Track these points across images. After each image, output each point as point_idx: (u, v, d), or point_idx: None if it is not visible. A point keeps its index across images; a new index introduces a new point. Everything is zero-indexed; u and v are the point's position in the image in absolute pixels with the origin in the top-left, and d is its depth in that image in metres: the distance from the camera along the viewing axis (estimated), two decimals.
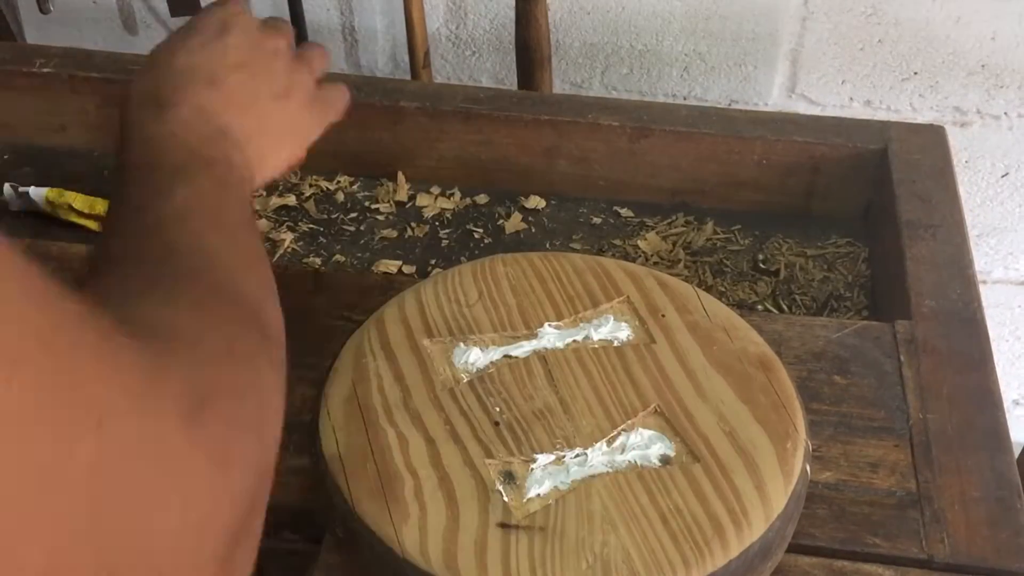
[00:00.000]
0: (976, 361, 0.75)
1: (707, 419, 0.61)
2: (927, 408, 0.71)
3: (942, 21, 1.17)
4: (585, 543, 0.55)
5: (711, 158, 0.96)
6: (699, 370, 0.64)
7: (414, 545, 0.55)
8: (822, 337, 0.76)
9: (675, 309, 0.68)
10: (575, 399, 0.63)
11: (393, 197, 0.99)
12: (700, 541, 0.55)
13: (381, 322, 0.68)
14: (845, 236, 0.96)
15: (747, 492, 0.58)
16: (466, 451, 0.60)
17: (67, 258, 0.81)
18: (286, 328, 0.54)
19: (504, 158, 0.98)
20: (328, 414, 0.62)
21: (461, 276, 0.71)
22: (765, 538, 0.56)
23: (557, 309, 0.68)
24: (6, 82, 0.99)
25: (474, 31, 1.26)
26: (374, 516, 0.57)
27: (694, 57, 1.24)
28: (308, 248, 0.94)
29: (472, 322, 0.67)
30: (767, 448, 0.60)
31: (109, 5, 1.30)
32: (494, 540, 0.55)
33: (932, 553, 0.63)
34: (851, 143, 0.94)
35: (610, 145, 0.96)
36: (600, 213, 0.98)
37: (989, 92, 1.22)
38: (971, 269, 0.83)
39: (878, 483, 0.67)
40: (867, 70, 1.22)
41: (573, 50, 1.26)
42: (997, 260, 1.37)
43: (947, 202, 0.88)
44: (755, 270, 0.93)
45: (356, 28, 1.28)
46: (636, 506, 0.57)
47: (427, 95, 0.98)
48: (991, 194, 1.31)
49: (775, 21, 1.20)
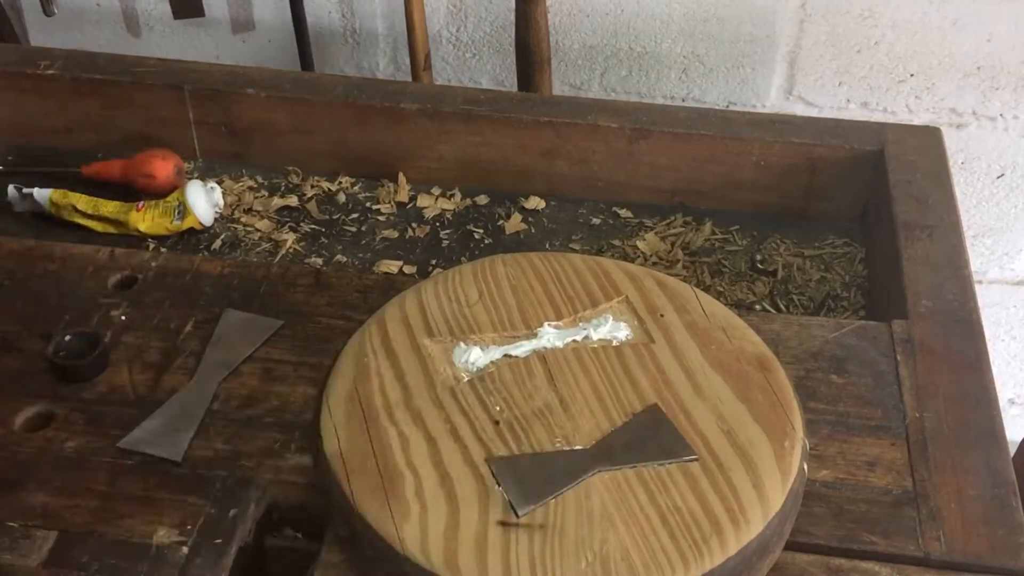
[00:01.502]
0: (972, 360, 0.75)
1: (705, 418, 0.62)
2: (923, 407, 0.72)
3: (938, 24, 1.18)
4: (585, 541, 0.56)
5: (709, 159, 0.97)
6: (697, 370, 0.65)
7: (415, 543, 0.55)
8: (819, 337, 0.77)
9: (674, 309, 0.69)
10: (575, 398, 0.63)
11: (394, 198, 1.00)
12: (699, 539, 0.56)
13: (382, 322, 0.68)
14: (842, 236, 0.97)
15: (745, 491, 0.58)
16: (466, 450, 0.60)
17: (70, 259, 0.82)
18: (289, 327, 0.54)
19: (504, 159, 0.99)
20: (330, 413, 0.63)
21: (461, 276, 0.71)
22: (763, 536, 0.57)
23: (557, 309, 0.69)
24: (11, 84, 1.00)
25: (474, 33, 1.27)
26: (375, 514, 0.57)
27: (692, 59, 1.25)
28: (310, 248, 0.94)
29: (472, 322, 0.68)
30: (765, 447, 0.60)
31: (113, 8, 1.31)
32: (494, 538, 0.56)
33: (928, 550, 0.63)
34: (848, 144, 0.95)
35: (609, 146, 0.97)
36: (599, 214, 0.99)
37: (985, 94, 1.23)
38: (967, 269, 0.83)
39: (875, 481, 0.67)
40: (864, 72, 1.23)
41: (572, 52, 1.26)
42: (993, 260, 1.38)
43: (943, 203, 0.89)
44: (753, 270, 0.93)
45: (358, 31, 1.29)
46: (635, 504, 0.58)
47: (428, 97, 0.99)
48: (987, 195, 1.31)
49: (773, 23, 1.20)
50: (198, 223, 0.93)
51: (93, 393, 0.71)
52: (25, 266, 0.81)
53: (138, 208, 0.93)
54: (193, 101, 0.99)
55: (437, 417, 0.62)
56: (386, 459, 0.60)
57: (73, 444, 0.68)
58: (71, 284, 0.80)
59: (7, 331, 0.75)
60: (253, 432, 0.69)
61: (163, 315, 0.77)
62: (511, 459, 0.60)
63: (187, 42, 1.33)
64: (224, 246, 0.94)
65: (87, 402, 0.70)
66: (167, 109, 1.00)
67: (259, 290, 0.79)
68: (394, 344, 0.66)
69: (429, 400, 0.63)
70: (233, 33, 1.31)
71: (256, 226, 0.96)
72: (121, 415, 0.70)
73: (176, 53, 1.31)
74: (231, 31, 1.31)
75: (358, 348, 0.67)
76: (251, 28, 1.31)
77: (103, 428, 0.69)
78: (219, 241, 0.94)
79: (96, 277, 0.80)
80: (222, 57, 1.33)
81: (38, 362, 0.72)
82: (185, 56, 1.27)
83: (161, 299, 0.78)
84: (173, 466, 0.66)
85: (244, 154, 1.02)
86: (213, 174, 1.01)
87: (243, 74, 1.00)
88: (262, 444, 0.68)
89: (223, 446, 0.68)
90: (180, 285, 0.79)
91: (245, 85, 0.98)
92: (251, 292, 0.79)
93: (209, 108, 0.99)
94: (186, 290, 0.79)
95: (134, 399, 0.71)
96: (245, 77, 1.00)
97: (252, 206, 0.98)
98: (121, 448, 0.67)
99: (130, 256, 0.82)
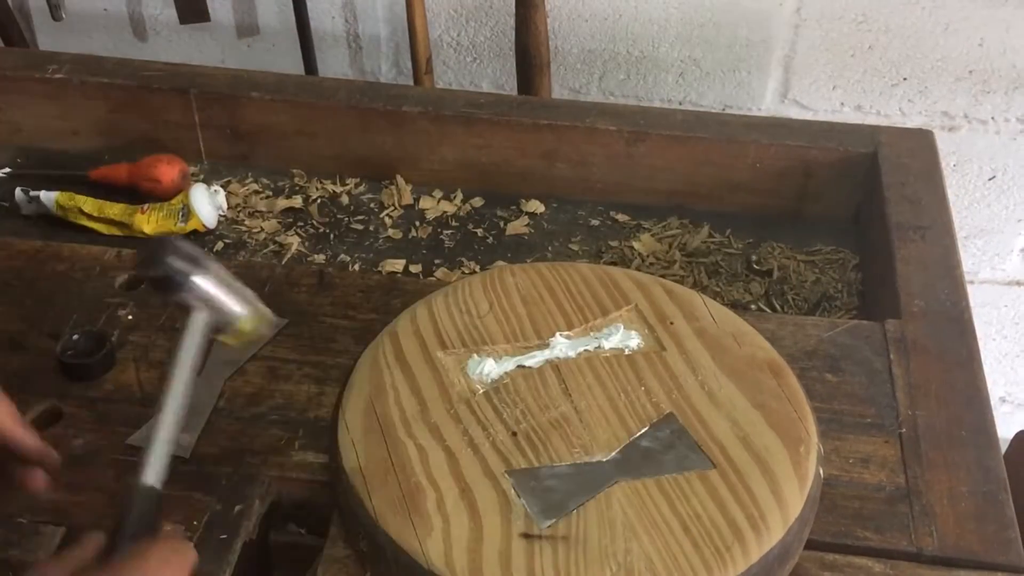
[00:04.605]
0: (964, 359, 0.76)
1: (721, 425, 0.62)
2: (916, 405, 0.73)
3: (931, 28, 1.19)
4: (608, 551, 0.55)
5: (706, 162, 0.97)
6: (710, 377, 0.65)
7: (439, 557, 0.55)
8: (814, 336, 0.77)
9: (683, 316, 0.68)
10: (590, 408, 0.63)
11: (396, 200, 1.00)
12: (721, 547, 0.56)
13: (395, 335, 0.68)
14: (836, 238, 0.97)
15: (764, 497, 0.58)
16: (486, 462, 0.60)
17: (78, 260, 0.83)
18: (293, 326, 0.54)
19: (504, 161, 1.00)
20: (347, 428, 0.62)
21: (471, 287, 0.71)
22: (784, 542, 0.57)
23: (567, 318, 0.69)
24: (19, 88, 1.01)
25: (475, 38, 1.28)
26: (398, 529, 0.57)
27: (689, 63, 1.26)
28: (314, 249, 0.95)
29: (484, 333, 0.67)
30: (781, 453, 0.60)
31: (120, 13, 1.31)
32: (518, 550, 0.55)
33: (921, 546, 0.64)
34: (842, 147, 0.96)
35: (607, 149, 0.98)
36: (598, 215, 1.00)
37: (976, 97, 1.24)
38: (959, 270, 0.84)
39: (868, 478, 0.68)
40: (858, 76, 1.24)
41: (571, 56, 1.27)
42: (984, 261, 1.38)
43: (936, 204, 0.90)
44: (749, 271, 0.94)
45: (360, 35, 1.29)
46: (656, 514, 0.57)
47: (429, 100, 1.00)
48: (978, 196, 1.32)
49: (768, 28, 1.21)
50: (201, 225, 0.94)
51: (100, 391, 0.72)
52: (33, 267, 0.82)
53: (142, 211, 0.94)
54: (199, 104, 0.99)
55: (455, 430, 0.61)
56: (406, 473, 0.59)
57: (81, 441, 0.69)
58: (78, 284, 0.80)
59: (16, 330, 0.76)
60: (258, 430, 0.70)
61: (169, 315, 0.78)
62: (531, 471, 0.59)
63: (193, 47, 1.34)
64: (228, 247, 0.95)
65: (94, 400, 0.71)
66: (173, 112, 1.00)
67: (263, 290, 0.79)
68: (408, 357, 0.66)
69: (446, 413, 0.62)
70: (238, 38, 1.32)
71: (261, 227, 0.97)
72: (128, 413, 0.70)
73: (182, 57, 1.32)
74: (236, 36, 1.32)
75: (372, 362, 0.66)
76: (255, 33, 1.32)
77: (110, 425, 0.70)
78: (221, 243, 0.95)
79: (103, 277, 0.81)
80: (227, 61, 1.34)
81: (46, 361, 0.73)
82: (191, 60, 1.28)
83: None
84: (180, 462, 0.67)
85: (249, 157, 1.03)
86: (218, 176, 1.02)
87: (248, 78, 1.01)
88: (267, 441, 0.69)
89: (228, 443, 0.69)
90: None
91: (250, 89, 0.99)
92: (255, 292, 0.79)
93: (214, 111, 1.00)
94: None
95: (140, 397, 0.72)
96: (250, 81, 1.00)
97: (257, 208, 0.99)
98: (128, 445, 0.68)
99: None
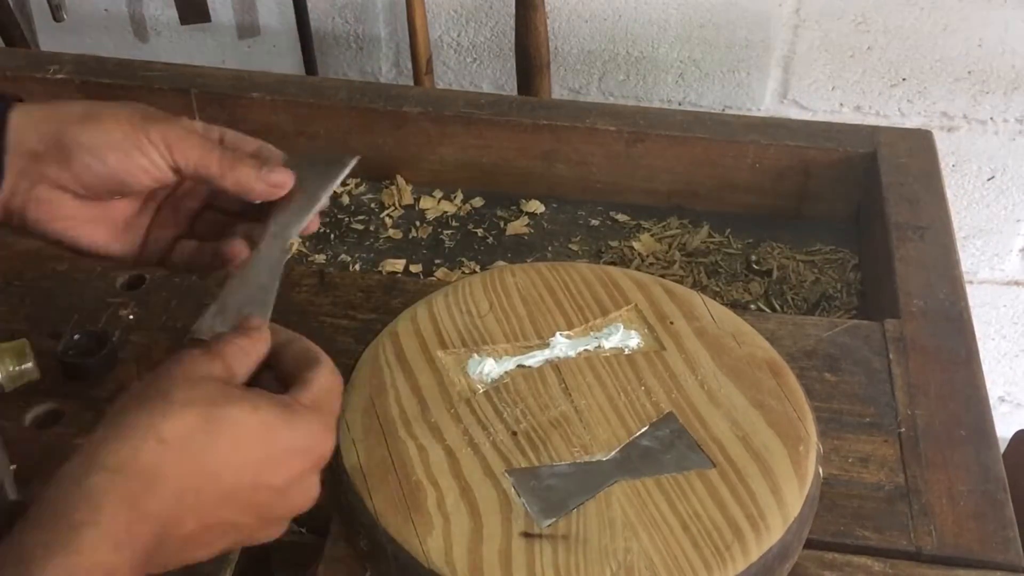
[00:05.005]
0: (963, 359, 0.76)
1: (720, 425, 0.62)
2: (915, 404, 0.73)
3: (930, 29, 1.19)
4: (608, 550, 0.56)
5: (705, 162, 0.98)
6: (710, 376, 0.65)
7: (439, 556, 0.55)
8: (813, 336, 0.78)
9: (683, 316, 0.69)
10: (590, 407, 0.63)
11: (397, 200, 1.01)
12: (720, 546, 0.56)
13: (395, 335, 0.68)
14: (836, 238, 0.98)
15: (763, 496, 0.58)
16: (486, 461, 0.60)
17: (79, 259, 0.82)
18: (292, 326, 0.53)
19: (504, 162, 1.00)
20: (347, 427, 0.62)
21: (471, 287, 0.71)
22: (783, 541, 0.57)
23: (567, 318, 0.69)
24: (20, 88, 1.00)
25: (475, 38, 1.28)
26: (398, 528, 0.57)
27: (689, 64, 1.26)
28: (314, 249, 0.96)
29: (484, 333, 0.67)
30: (780, 452, 0.60)
31: (121, 13, 1.32)
32: (518, 549, 0.55)
33: (920, 545, 0.64)
34: (841, 147, 0.96)
35: (607, 149, 0.98)
36: (597, 215, 1.00)
37: (975, 98, 1.24)
38: (958, 269, 0.84)
39: (868, 477, 0.68)
40: (857, 76, 1.24)
41: (571, 57, 1.27)
42: (983, 261, 1.39)
43: (935, 205, 0.90)
44: (748, 271, 0.95)
45: (361, 36, 1.30)
46: (656, 512, 0.58)
47: (429, 100, 1.00)
48: (977, 197, 1.33)
49: (768, 29, 1.22)
50: None
51: (102, 391, 0.72)
52: (34, 266, 0.82)
53: None
54: (199, 104, 1.00)
55: (455, 429, 0.62)
56: (407, 472, 0.59)
57: (82, 441, 0.68)
58: (80, 284, 0.81)
59: (17, 330, 0.76)
60: None
61: (170, 314, 0.78)
62: (531, 470, 0.59)
63: (194, 47, 1.34)
64: None
65: (96, 400, 0.71)
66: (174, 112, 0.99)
67: None
68: (408, 357, 0.66)
69: (446, 412, 0.63)
70: (239, 38, 1.33)
71: None
72: None
73: (183, 58, 1.32)
74: (236, 36, 1.32)
75: (372, 361, 0.66)
76: (256, 33, 1.32)
77: None
78: None
79: (104, 277, 0.81)
80: (228, 62, 1.34)
81: (48, 360, 0.73)
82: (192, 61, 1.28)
83: (168, 299, 0.80)
84: None
85: None
86: None
87: (248, 78, 1.01)
88: None
89: None
90: (187, 285, 0.81)
91: (250, 89, 0.99)
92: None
93: (215, 111, 1.00)
94: (192, 290, 0.80)
95: None
96: (250, 81, 1.01)
97: None
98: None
99: None
